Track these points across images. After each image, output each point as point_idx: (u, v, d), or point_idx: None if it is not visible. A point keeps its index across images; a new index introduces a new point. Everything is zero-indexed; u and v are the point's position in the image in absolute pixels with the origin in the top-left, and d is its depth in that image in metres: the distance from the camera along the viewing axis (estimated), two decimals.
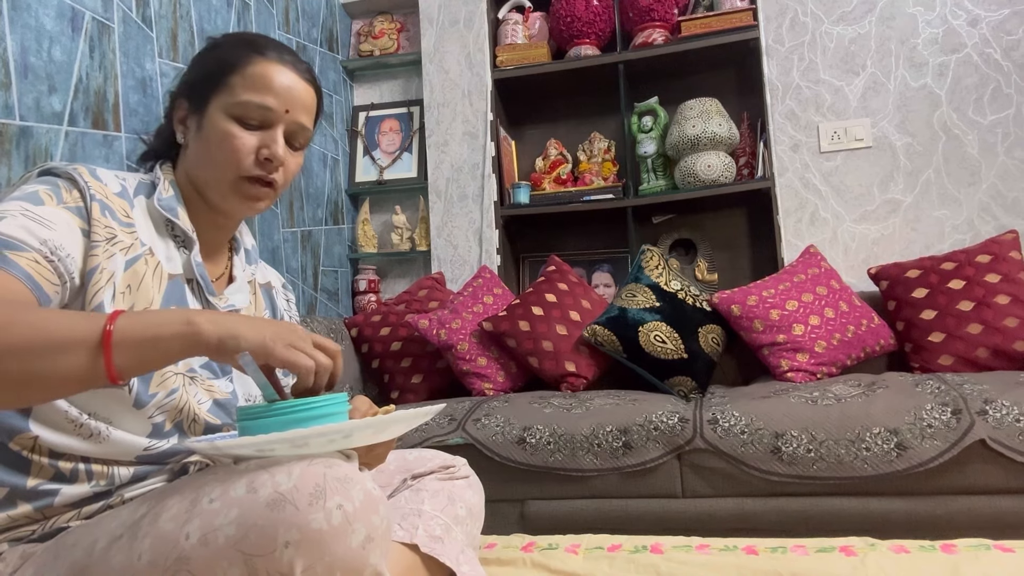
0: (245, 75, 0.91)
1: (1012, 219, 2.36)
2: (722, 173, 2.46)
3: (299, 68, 0.95)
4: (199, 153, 0.92)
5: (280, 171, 0.94)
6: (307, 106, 0.95)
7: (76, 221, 0.80)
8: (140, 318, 0.70)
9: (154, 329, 0.69)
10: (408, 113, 3.00)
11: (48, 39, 1.51)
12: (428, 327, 2.26)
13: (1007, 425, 1.49)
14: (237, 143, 0.89)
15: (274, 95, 0.91)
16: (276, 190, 0.95)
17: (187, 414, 0.87)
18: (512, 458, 1.74)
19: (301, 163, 0.99)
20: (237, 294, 1.00)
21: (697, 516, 1.64)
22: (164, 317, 0.71)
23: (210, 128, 0.91)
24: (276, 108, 0.91)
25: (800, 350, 1.98)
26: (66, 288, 0.78)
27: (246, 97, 0.90)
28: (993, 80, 2.41)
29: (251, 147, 0.90)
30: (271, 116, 0.91)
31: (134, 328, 0.69)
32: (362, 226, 2.93)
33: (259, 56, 0.92)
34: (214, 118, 0.90)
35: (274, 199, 0.97)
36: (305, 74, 0.96)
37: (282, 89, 0.91)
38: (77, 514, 0.81)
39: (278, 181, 0.94)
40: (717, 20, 2.50)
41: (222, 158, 0.90)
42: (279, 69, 0.92)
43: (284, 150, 0.92)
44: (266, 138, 0.91)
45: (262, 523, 0.65)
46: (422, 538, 0.96)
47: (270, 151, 0.91)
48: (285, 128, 0.93)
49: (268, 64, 0.92)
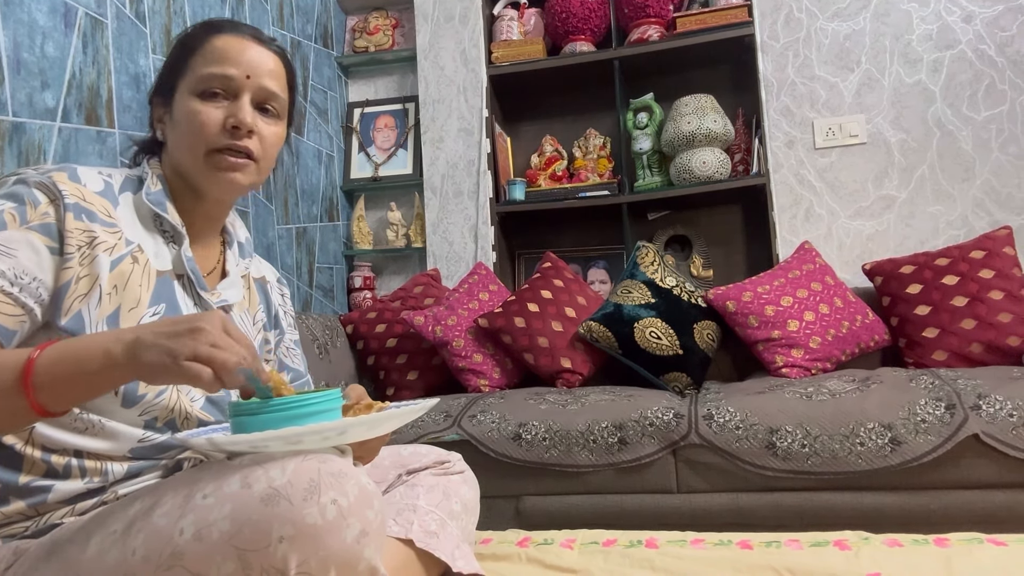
0: (204, 52, 0.91)
1: (1006, 215, 2.37)
2: (717, 169, 2.46)
3: (260, 38, 0.95)
4: (174, 140, 0.92)
5: (254, 139, 0.92)
6: (272, 72, 0.94)
7: (42, 240, 0.79)
8: (63, 352, 0.70)
9: (76, 364, 0.69)
10: (403, 109, 2.99)
11: (41, 35, 1.50)
12: (424, 324, 2.26)
13: (1000, 420, 1.50)
14: (202, 117, 0.89)
15: (233, 64, 0.90)
16: (256, 161, 0.93)
17: (179, 412, 0.87)
18: (508, 454, 1.74)
19: (281, 134, 0.97)
20: (230, 289, 0.99)
21: (692, 511, 1.65)
22: (84, 348, 0.70)
23: (178, 113, 0.91)
24: (236, 75, 0.90)
25: (795, 346, 1.99)
26: (34, 313, 0.78)
27: (206, 70, 0.90)
28: (987, 76, 2.41)
29: (217, 119, 0.89)
30: (233, 84, 0.90)
31: (54, 365, 0.69)
32: (357, 223, 2.93)
33: (217, 33, 0.92)
34: (180, 102, 0.91)
35: (257, 173, 0.94)
36: (268, 44, 0.95)
37: (241, 57, 0.91)
38: (71, 510, 0.81)
39: (253, 150, 0.92)
40: (712, 16, 2.50)
41: (191, 136, 0.89)
42: (237, 39, 0.92)
43: (253, 115, 0.91)
44: (232, 107, 0.90)
45: (256, 518, 0.65)
46: (417, 533, 0.96)
47: (236, 118, 0.89)
48: (252, 95, 0.92)
49: (225, 37, 0.92)
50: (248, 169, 0.92)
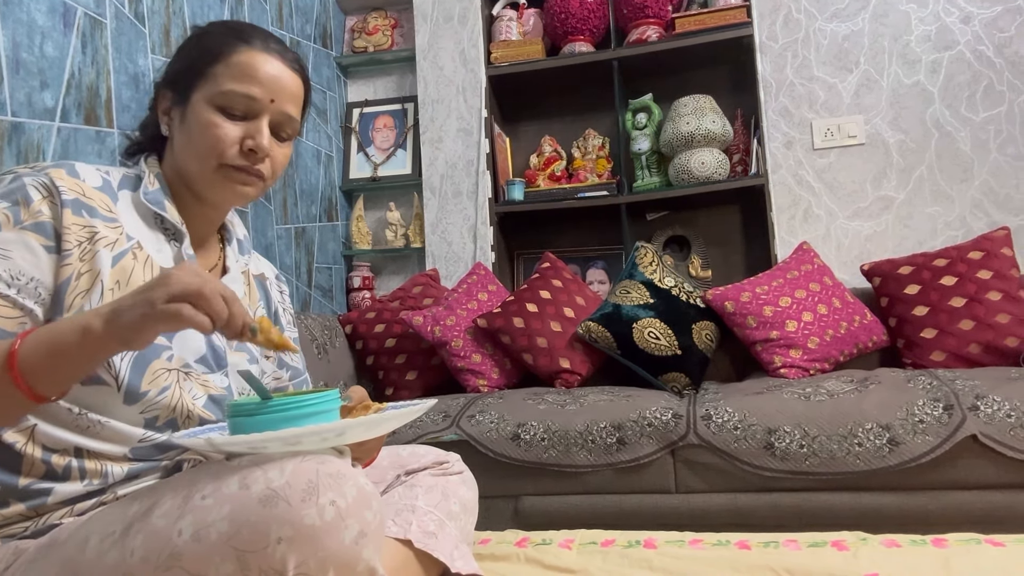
0: (229, 64, 0.89)
1: (1004, 215, 2.37)
2: (716, 170, 2.46)
3: (286, 57, 0.93)
4: (183, 144, 0.91)
5: (267, 162, 0.92)
6: (294, 95, 0.93)
7: (38, 239, 0.79)
8: (44, 334, 0.71)
9: (56, 346, 0.70)
10: (402, 109, 2.99)
11: (40, 34, 1.50)
12: (422, 324, 2.26)
13: (998, 420, 1.50)
14: (220, 132, 0.87)
15: (259, 84, 0.89)
16: (264, 181, 0.93)
17: (180, 411, 0.87)
18: (506, 454, 1.74)
19: (289, 154, 0.97)
20: (231, 286, 0.99)
21: (690, 511, 1.65)
22: (64, 329, 0.71)
23: (193, 119, 0.89)
24: (261, 98, 0.89)
25: (793, 346, 1.99)
26: (34, 314, 0.78)
27: (230, 87, 0.88)
28: (985, 77, 2.42)
29: (235, 138, 0.88)
30: (256, 106, 0.89)
31: (38, 347, 0.69)
32: (356, 223, 2.93)
33: (244, 45, 0.90)
34: (197, 108, 0.88)
35: (263, 189, 0.94)
36: (292, 63, 0.94)
37: (267, 78, 0.89)
38: (70, 511, 0.81)
39: (265, 173, 0.92)
40: (711, 17, 2.50)
41: (205, 148, 0.88)
42: (264, 58, 0.90)
43: (270, 141, 0.90)
44: (251, 128, 0.89)
45: (255, 519, 0.65)
46: (416, 534, 0.96)
47: (255, 142, 0.88)
48: (271, 118, 0.91)
49: (253, 53, 0.90)
50: (258, 186, 0.93)
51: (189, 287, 0.68)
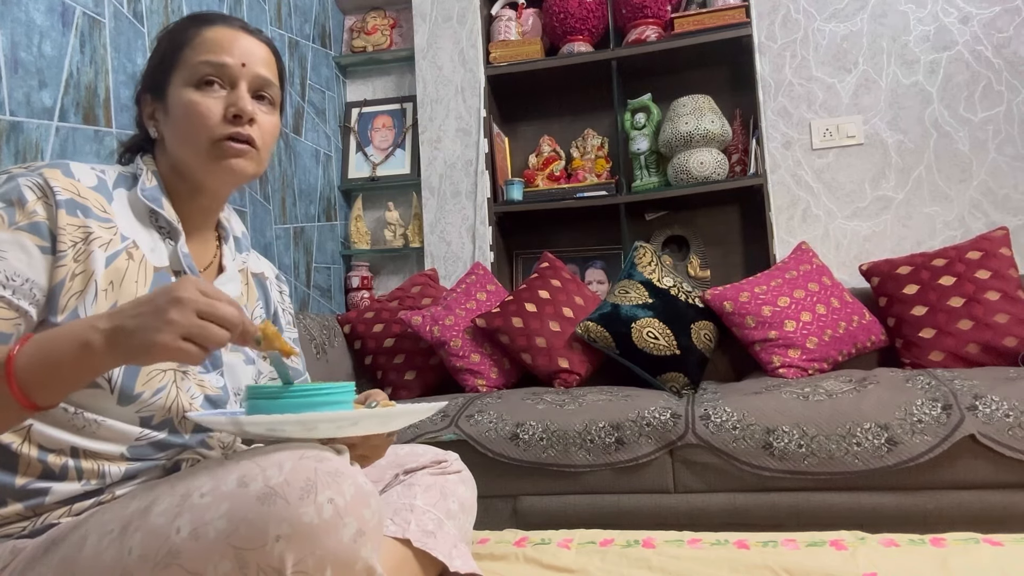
0: (195, 45, 0.91)
1: (1002, 216, 2.38)
2: (715, 170, 2.46)
3: (248, 29, 0.95)
4: (172, 134, 0.91)
5: (255, 128, 0.92)
6: (264, 60, 0.95)
7: (32, 240, 0.79)
8: (41, 346, 0.69)
9: (53, 358, 0.69)
10: (401, 109, 2.99)
11: (38, 34, 1.50)
12: (421, 324, 2.26)
13: (997, 420, 1.50)
14: (202, 108, 0.88)
15: (227, 52, 0.90)
16: (257, 149, 0.93)
17: (176, 411, 0.87)
18: (505, 454, 1.74)
19: (278, 123, 0.98)
20: (228, 284, 0.99)
21: (689, 511, 1.65)
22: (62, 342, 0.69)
23: (174, 106, 0.90)
24: (232, 64, 0.90)
25: (792, 346, 1.99)
26: (29, 315, 0.78)
27: (200, 59, 0.90)
28: (984, 77, 2.42)
29: (217, 108, 0.89)
30: (229, 72, 0.90)
31: (33, 360, 0.68)
32: (355, 222, 2.93)
33: (207, 25, 0.92)
34: (176, 95, 0.90)
35: (258, 163, 0.94)
36: (257, 34, 0.96)
37: (235, 47, 0.91)
38: (68, 511, 0.80)
39: (255, 138, 0.92)
40: (710, 17, 2.50)
41: (191, 128, 0.89)
42: (229, 31, 0.93)
43: (252, 104, 0.91)
44: (231, 96, 0.90)
45: (253, 517, 0.65)
46: (414, 532, 0.96)
47: (237, 106, 0.89)
48: (248, 83, 0.92)
49: (217, 29, 0.92)
50: (251, 156, 0.92)
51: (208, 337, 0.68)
